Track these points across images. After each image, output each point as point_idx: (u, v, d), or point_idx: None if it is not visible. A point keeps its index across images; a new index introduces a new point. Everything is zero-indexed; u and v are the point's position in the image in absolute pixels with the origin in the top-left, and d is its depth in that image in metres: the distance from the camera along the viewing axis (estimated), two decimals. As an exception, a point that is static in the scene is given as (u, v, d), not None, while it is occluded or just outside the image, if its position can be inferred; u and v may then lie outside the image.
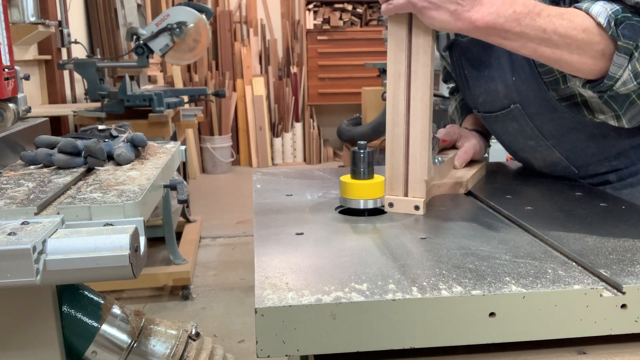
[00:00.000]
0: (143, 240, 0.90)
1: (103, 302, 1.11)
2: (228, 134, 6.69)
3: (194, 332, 1.19)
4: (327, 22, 6.79)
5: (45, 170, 1.20)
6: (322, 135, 7.10)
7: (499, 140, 1.42)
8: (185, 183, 3.80)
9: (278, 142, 6.96)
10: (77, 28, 4.36)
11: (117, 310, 1.11)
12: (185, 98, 3.75)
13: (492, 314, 0.73)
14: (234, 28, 6.83)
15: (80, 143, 1.23)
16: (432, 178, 1.13)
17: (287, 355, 0.72)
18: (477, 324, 0.73)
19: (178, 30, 3.15)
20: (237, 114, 6.83)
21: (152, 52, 3.22)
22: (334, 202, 1.16)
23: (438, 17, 0.96)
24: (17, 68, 1.34)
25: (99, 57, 3.85)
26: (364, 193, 1.07)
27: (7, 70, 1.28)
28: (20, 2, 3.00)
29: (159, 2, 5.56)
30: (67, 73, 4.06)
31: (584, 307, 0.74)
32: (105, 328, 1.08)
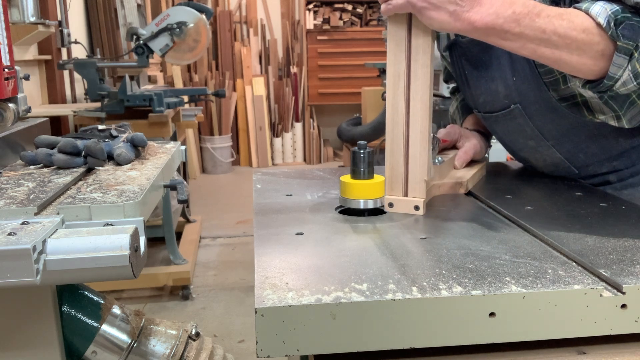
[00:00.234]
0: (143, 240, 0.90)
1: (103, 302, 1.11)
2: (228, 134, 6.70)
3: (194, 332, 1.19)
4: (327, 22, 6.79)
5: (45, 170, 1.20)
6: (322, 135, 7.10)
7: (500, 141, 1.42)
8: (185, 183, 3.80)
9: (278, 142, 6.97)
10: (77, 28, 4.36)
11: (117, 310, 1.11)
12: (185, 98, 3.75)
13: (492, 314, 0.73)
14: (234, 28, 6.84)
15: (80, 143, 1.23)
16: (432, 178, 1.13)
17: (287, 355, 0.72)
18: (477, 324, 0.73)
19: (178, 30, 3.15)
20: (237, 114, 6.83)
21: (152, 52, 3.22)
22: (334, 202, 1.16)
23: (437, 17, 0.96)
24: (17, 68, 1.34)
25: (99, 57, 3.85)
26: (364, 193, 1.07)
27: (7, 70, 1.28)
28: (20, 2, 3.00)
29: (159, 2, 5.56)
30: (67, 73, 4.06)
31: (584, 307, 0.74)
32: (105, 328, 1.08)
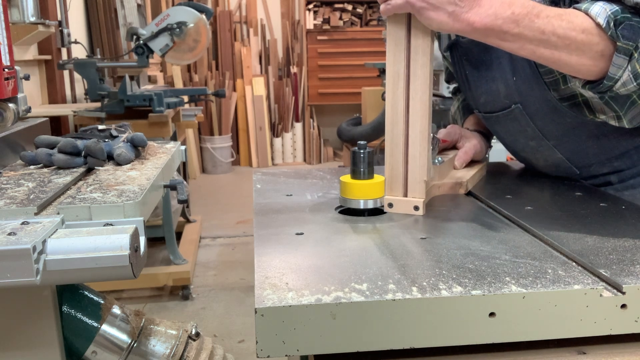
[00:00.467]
0: (143, 240, 0.90)
1: (103, 302, 1.11)
2: (228, 134, 6.70)
3: (194, 332, 1.19)
4: (327, 22, 6.79)
5: (45, 170, 1.20)
6: (322, 135, 7.10)
7: (501, 141, 1.42)
8: (185, 183, 3.80)
9: (278, 142, 6.97)
10: (77, 28, 4.36)
11: (117, 310, 1.11)
12: (185, 98, 3.75)
13: (492, 314, 0.73)
14: (234, 28, 6.84)
15: (80, 143, 1.23)
16: (431, 178, 1.13)
17: (287, 355, 0.72)
18: (477, 324, 0.73)
19: (178, 30, 3.15)
20: (237, 114, 6.83)
21: (152, 52, 3.22)
22: (334, 202, 1.16)
23: (436, 18, 0.96)
24: (17, 68, 1.34)
25: (99, 57, 3.85)
26: (364, 193, 1.07)
27: (7, 70, 1.28)
28: (20, 2, 3.00)
29: (159, 2, 5.57)
30: (67, 73, 4.06)
31: (584, 307, 0.74)
32: (105, 328, 1.08)
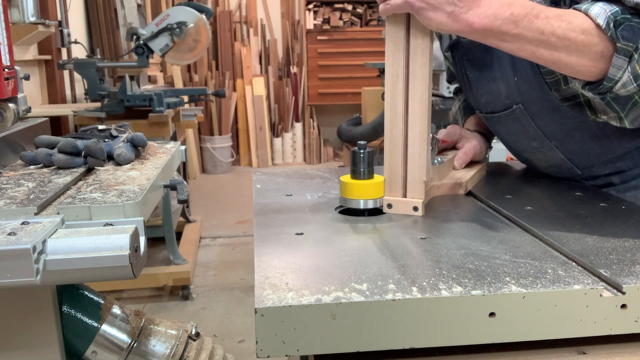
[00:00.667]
0: (143, 240, 0.90)
1: (103, 302, 1.11)
2: (228, 134, 6.70)
3: (194, 332, 1.19)
4: (327, 22, 6.79)
5: (45, 170, 1.20)
6: (322, 135, 7.10)
7: (502, 142, 1.42)
8: (185, 183, 3.80)
9: (278, 142, 6.97)
10: (77, 28, 4.36)
11: (117, 310, 1.11)
12: (185, 98, 3.75)
13: (492, 314, 0.73)
14: (234, 28, 6.84)
15: (80, 143, 1.23)
16: (431, 179, 1.13)
17: (287, 355, 0.72)
18: (477, 324, 0.73)
19: (178, 30, 3.15)
20: (237, 114, 6.83)
21: (152, 52, 3.22)
22: (334, 202, 1.16)
23: (435, 18, 0.96)
24: (17, 68, 1.34)
25: (99, 57, 3.85)
26: (364, 193, 1.07)
27: (7, 70, 1.28)
28: (20, 2, 3.00)
29: (159, 2, 5.57)
30: (67, 73, 4.06)
31: (584, 307, 0.74)
32: (105, 328, 1.08)
